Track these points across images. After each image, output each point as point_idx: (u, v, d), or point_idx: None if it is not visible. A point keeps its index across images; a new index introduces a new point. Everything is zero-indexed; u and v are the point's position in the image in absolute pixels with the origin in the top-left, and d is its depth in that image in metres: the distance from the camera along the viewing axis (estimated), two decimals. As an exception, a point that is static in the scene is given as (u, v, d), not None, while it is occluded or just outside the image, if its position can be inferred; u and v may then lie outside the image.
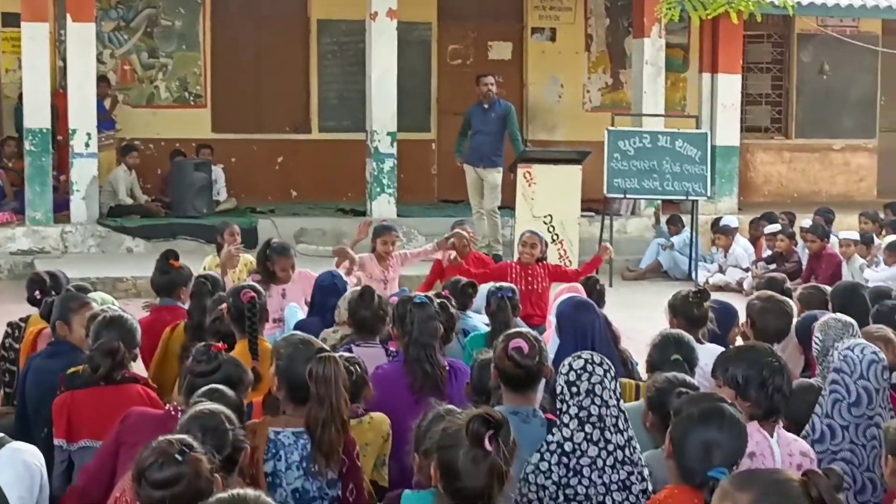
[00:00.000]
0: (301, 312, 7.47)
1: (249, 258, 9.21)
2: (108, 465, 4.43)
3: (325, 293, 6.85)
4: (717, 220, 14.81)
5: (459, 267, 9.19)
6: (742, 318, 6.26)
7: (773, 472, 2.89)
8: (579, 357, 4.15)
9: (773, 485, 2.73)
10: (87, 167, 14.07)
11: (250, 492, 2.93)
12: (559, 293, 6.80)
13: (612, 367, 4.15)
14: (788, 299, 6.50)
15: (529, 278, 9.39)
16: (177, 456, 3.17)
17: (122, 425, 4.52)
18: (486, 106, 13.90)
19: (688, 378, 4.56)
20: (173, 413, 4.39)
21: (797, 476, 2.75)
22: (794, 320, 6.14)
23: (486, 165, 13.88)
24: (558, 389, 4.13)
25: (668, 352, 4.96)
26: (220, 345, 4.66)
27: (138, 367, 5.80)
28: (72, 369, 5.19)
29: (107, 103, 15.58)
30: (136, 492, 3.22)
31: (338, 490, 4.22)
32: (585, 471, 4.00)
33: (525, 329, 4.62)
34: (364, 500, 4.33)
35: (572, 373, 4.09)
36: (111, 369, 5.00)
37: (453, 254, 9.30)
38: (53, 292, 6.58)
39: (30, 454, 4.20)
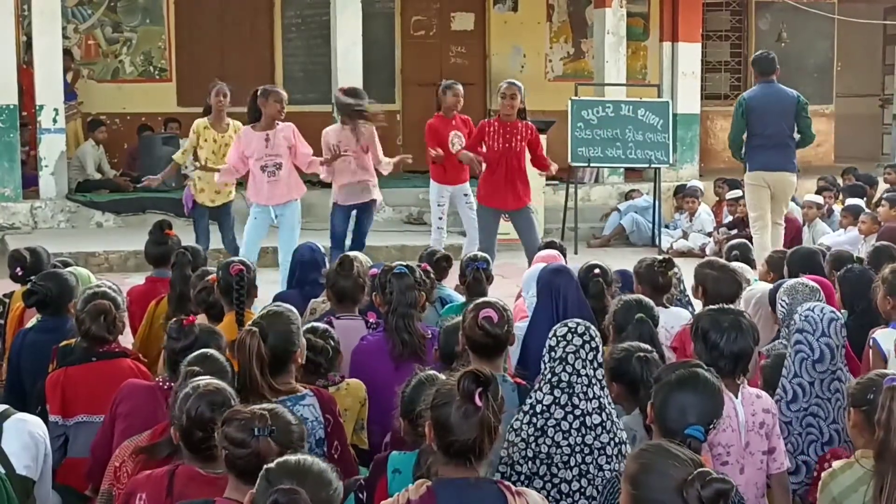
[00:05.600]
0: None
1: (238, 123, 10.17)
2: (109, 437, 4.56)
3: (305, 267, 6.93)
4: (681, 186, 15.02)
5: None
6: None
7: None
8: (564, 325, 4.30)
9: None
10: (55, 143, 14.07)
11: (318, 461, 3.05)
12: (536, 260, 6.96)
13: (596, 337, 4.27)
14: (738, 266, 6.63)
15: (508, 135, 9.72)
16: (254, 430, 3.30)
17: (117, 398, 4.65)
18: None
19: (642, 344, 4.70)
20: (165, 386, 4.51)
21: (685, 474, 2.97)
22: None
23: None
24: (543, 352, 4.30)
25: (630, 313, 5.16)
26: (191, 317, 4.74)
27: (128, 343, 5.93)
28: (64, 342, 5.30)
29: (68, 77, 15.51)
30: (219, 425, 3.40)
31: (324, 448, 4.37)
32: (550, 431, 4.14)
33: (494, 299, 4.79)
34: (348, 456, 4.49)
35: (554, 339, 4.26)
36: (105, 331, 5.10)
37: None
38: (35, 268, 6.68)
39: (34, 424, 4.35)
